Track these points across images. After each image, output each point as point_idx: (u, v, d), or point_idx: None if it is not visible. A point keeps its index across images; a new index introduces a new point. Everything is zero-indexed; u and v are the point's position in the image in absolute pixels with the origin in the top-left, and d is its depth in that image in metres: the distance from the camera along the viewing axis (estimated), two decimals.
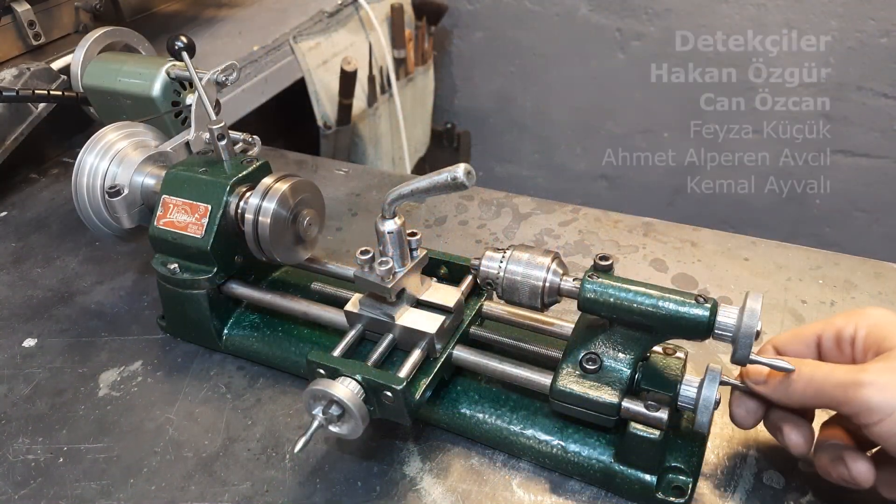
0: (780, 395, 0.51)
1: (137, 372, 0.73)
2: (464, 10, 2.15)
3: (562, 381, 0.56)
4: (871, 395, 0.45)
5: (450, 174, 0.51)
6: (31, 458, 0.64)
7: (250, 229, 0.66)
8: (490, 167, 2.42)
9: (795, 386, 0.50)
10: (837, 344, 0.52)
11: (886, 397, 0.45)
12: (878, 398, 0.45)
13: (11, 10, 1.08)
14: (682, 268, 0.83)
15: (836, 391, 0.47)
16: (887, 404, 0.44)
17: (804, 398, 0.50)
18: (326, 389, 0.53)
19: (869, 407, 0.45)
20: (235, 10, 1.61)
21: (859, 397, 0.45)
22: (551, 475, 0.59)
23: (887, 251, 1.75)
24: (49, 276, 0.89)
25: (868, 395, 0.45)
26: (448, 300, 0.61)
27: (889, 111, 1.78)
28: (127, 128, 0.79)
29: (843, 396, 0.47)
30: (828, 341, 0.53)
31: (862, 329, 0.50)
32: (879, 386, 0.45)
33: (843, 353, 0.52)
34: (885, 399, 0.45)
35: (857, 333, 0.51)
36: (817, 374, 0.49)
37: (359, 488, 0.59)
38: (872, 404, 0.45)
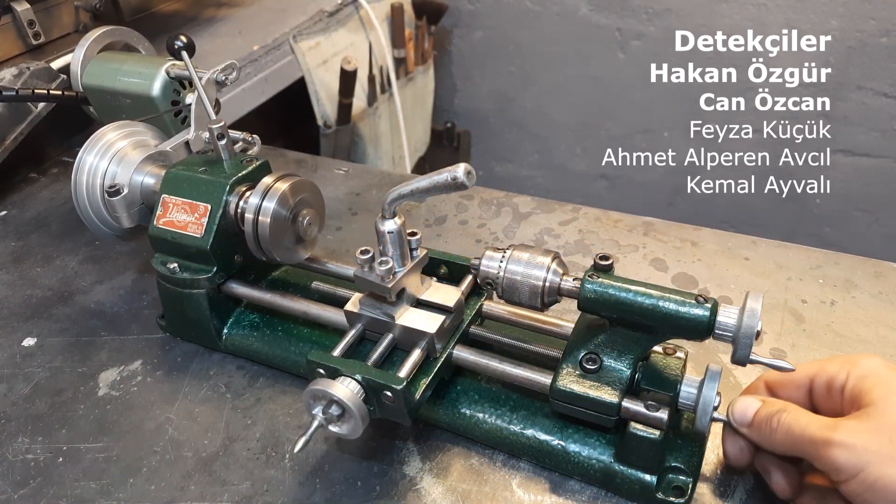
0: (764, 441, 0.51)
1: (137, 371, 0.73)
2: (464, 10, 2.15)
3: (562, 380, 0.56)
4: (837, 455, 0.45)
5: (450, 174, 0.51)
6: (30, 457, 0.64)
7: (250, 229, 0.66)
8: (490, 167, 2.42)
9: (776, 435, 0.50)
10: (828, 390, 0.51)
11: (853, 458, 0.44)
12: (844, 458, 0.45)
13: (11, 9, 1.08)
14: (682, 267, 0.83)
15: (808, 447, 0.47)
16: (853, 466, 0.44)
17: (784, 448, 0.50)
18: (326, 389, 0.53)
19: (836, 467, 0.45)
20: (235, 10, 1.61)
21: (828, 457, 0.45)
22: (551, 475, 0.59)
23: (887, 251, 1.75)
24: (49, 275, 0.89)
25: (836, 455, 0.45)
26: (448, 300, 0.61)
27: (889, 111, 1.78)
28: (126, 127, 0.79)
29: (814, 453, 0.47)
30: (819, 386, 0.52)
31: (852, 379, 0.50)
32: (847, 447, 0.45)
33: (833, 400, 0.51)
34: (850, 460, 0.44)
35: (847, 383, 0.50)
36: (794, 426, 0.49)
37: (359, 488, 0.59)
38: (839, 464, 0.45)
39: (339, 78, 1.68)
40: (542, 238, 0.89)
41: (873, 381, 0.48)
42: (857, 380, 0.49)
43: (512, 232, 0.91)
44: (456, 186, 0.51)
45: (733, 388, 0.66)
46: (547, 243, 0.88)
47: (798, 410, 0.50)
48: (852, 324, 0.72)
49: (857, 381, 0.49)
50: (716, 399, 0.53)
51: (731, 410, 0.53)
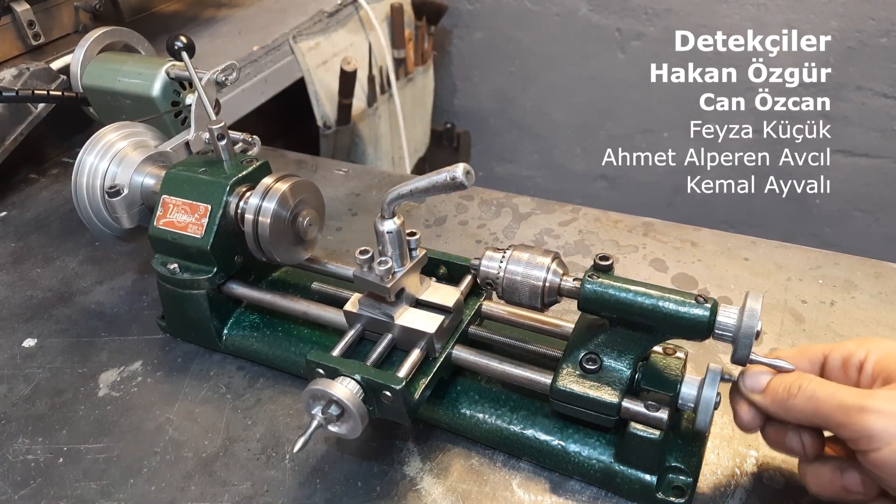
0: (779, 409, 0.50)
1: (137, 372, 0.73)
2: (464, 10, 2.15)
3: (562, 380, 0.56)
4: (873, 422, 0.44)
5: (449, 174, 0.51)
6: (30, 458, 0.64)
7: (250, 229, 0.66)
8: (490, 167, 2.42)
9: (796, 401, 0.48)
10: (844, 367, 0.51)
11: (889, 426, 0.43)
12: (880, 425, 0.44)
13: (11, 9, 1.08)
14: (682, 268, 0.83)
15: (837, 412, 0.46)
16: (888, 433, 0.43)
17: (803, 415, 0.48)
18: (325, 389, 0.53)
19: (870, 434, 0.44)
20: (235, 10, 1.61)
21: (861, 422, 0.44)
22: (551, 475, 0.59)
23: (887, 251, 1.75)
24: (49, 276, 0.89)
25: (871, 421, 0.44)
26: (447, 300, 0.61)
27: (889, 111, 1.78)
28: (127, 128, 0.79)
29: (844, 419, 0.45)
30: (834, 362, 0.51)
31: (873, 355, 0.49)
32: (884, 413, 0.44)
33: (849, 377, 0.50)
34: (886, 427, 0.43)
35: (867, 359, 0.49)
36: (820, 392, 0.47)
37: (359, 488, 0.59)
38: (874, 431, 0.44)
39: (339, 78, 1.68)
40: (542, 238, 0.89)
41: None
42: (882, 356, 0.48)
43: (512, 232, 0.91)
44: (455, 186, 0.51)
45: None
46: (547, 244, 0.88)
47: (820, 379, 0.49)
48: (852, 324, 0.72)
49: (882, 357, 0.48)
50: (716, 399, 0.53)
51: (742, 377, 0.53)
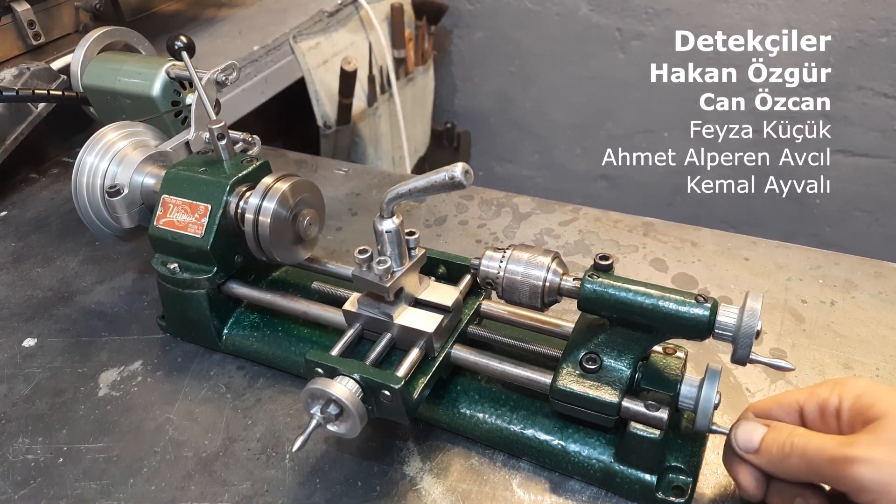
0: (776, 469, 0.48)
1: (137, 372, 0.73)
2: (464, 10, 2.15)
3: (562, 380, 0.56)
4: (862, 473, 0.42)
5: (447, 173, 0.51)
6: (31, 458, 0.64)
7: (250, 229, 0.66)
8: (490, 167, 2.42)
9: (791, 461, 0.47)
10: (821, 415, 0.49)
11: (879, 475, 0.42)
12: (869, 476, 0.42)
13: (11, 9, 1.08)
14: (682, 267, 0.83)
15: (827, 467, 0.44)
16: (878, 482, 0.41)
17: (800, 473, 0.47)
18: (324, 388, 0.53)
19: (861, 485, 0.42)
20: (235, 10, 1.61)
21: (851, 475, 0.42)
22: (551, 475, 0.59)
23: (887, 251, 1.75)
24: (49, 275, 0.89)
25: (860, 472, 0.42)
26: (446, 299, 0.61)
27: (889, 111, 1.78)
28: (127, 127, 0.79)
29: (834, 473, 0.44)
30: (811, 412, 0.50)
31: (847, 400, 0.47)
32: (870, 462, 0.42)
33: (828, 425, 0.49)
34: (875, 476, 0.42)
35: (841, 405, 0.48)
36: (809, 448, 0.46)
37: (359, 488, 0.59)
38: (864, 483, 0.42)
39: (339, 78, 1.68)
40: (542, 238, 0.89)
41: (871, 397, 0.46)
42: (854, 400, 0.47)
43: (512, 232, 0.91)
44: (454, 186, 0.51)
45: (733, 388, 0.66)
46: (547, 243, 0.88)
47: (808, 432, 0.48)
48: (852, 324, 0.72)
49: (854, 400, 0.47)
50: (716, 398, 0.53)
51: (734, 436, 0.51)
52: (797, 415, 0.51)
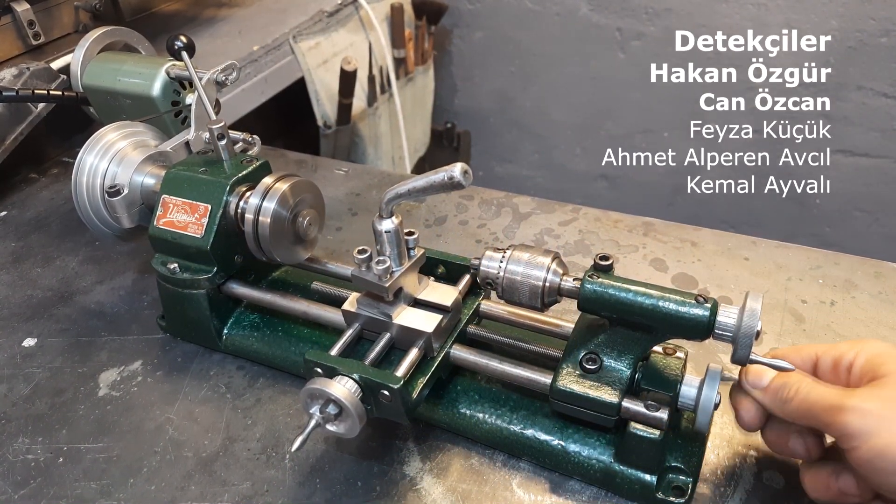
0: (777, 408, 0.51)
1: (137, 372, 0.73)
2: (464, 10, 2.15)
3: (562, 380, 0.56)
4: (850, 420, 0.44)
5: (446, 173, 0.51)
6: (31, 458, 0.64)
7: (250, 229, 0.66)
8: (490, 167, 2.41)
9: (792, 403, 0.49)
10: (834, 367, 0.51)
11: (865, 423, 0.44)
12: (856, 423, 0.44)
13: (11, 9, 1.08)
14: (682, 268, 0.83)
15: (823, 413, 0.47)
16: (865, 431, 0.44)
17: (798, 415, 0.49)
18: (323, 388, 0.53)
19: (847, 432, 0.44)
20: (235, 10, 1.61)
21: (841, 421, 0.45)
22: (551, 475, 0.59)
23: (887, 251, 1.75)
24: (49, 275, 0.89)
25: (848, 419, 0.44)
26: (445, 299, 0.61)
27: (889, 111, 1.78)
28: (127, 127, 0.79)
29: (828, 419, 0.46)
30: (825, 363, 0.52)
31: (862, 356, 0.49)
32: (861, 412, 0.44)
33: (838, 378, 0.51)
34: (862, 425, 0.44)
35: (855, 360, 0.50)
36: (812, 394, 0.48)
37: (359, 488, 0.59)
38: (851, 429, 0.44)
39: (339, 78, 1.68)
40: (542, 238, 0.89)
41: (885, 357, 0.48)
42: (869, 357, 0.49)
43: (512, 232, 0.91)
44: (452, 186, 0.51)
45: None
46: (547, 243, 0.88)
47: (816, 381, 0.50)
48: (852, 324, 0.72)
49: (869, 357, 0.49)
50: (716, 399, 0.53)
51: (745, 372, 0.53)
52: (811, 364, 0.53)
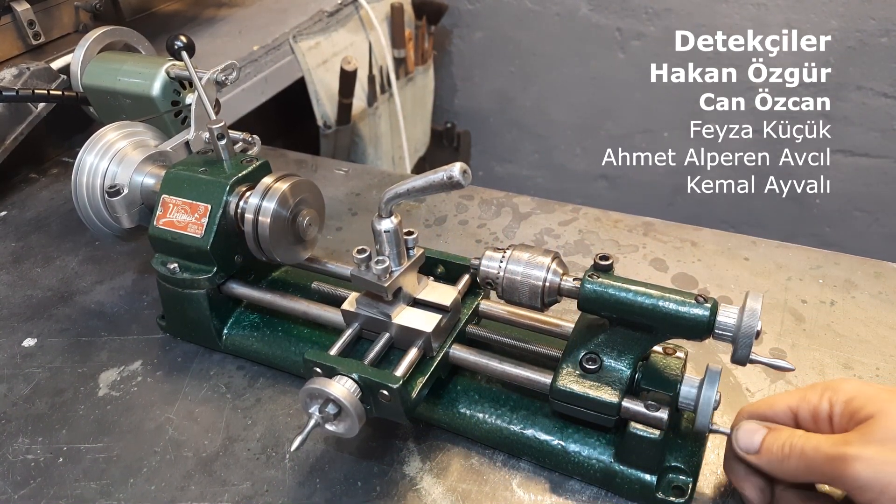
0: (776, 470, 0.49)
1: (137, 372, 0.73)
2: (464, 10, 2.15)
3: (562, 380, 0.56)
4: (859, 471, 0.42)
5: (445, 173, 0.51)
6: (30, 458, 0.64)
7: (250, 229, 0.66)
8: (490, 167, 2.42)
9: (790, 461, 0.47)
10: (815, 420, 0.49)
11: (874, 472, 0.42)
12: (866, 474, 0.42)
13: (11, 9, 1.08)
14: (682, 267, 0.83)
15: (825, 466, 0.45)
16: (877, 480, 0.42)
17: (799, 473, 0.47)
18: (323, 388, 0.53)
19: (860, 484, 0.43)
20: (235, 10, 1.61)
21: (849, 474, 0.43)
22: (551, 475, 0.59)
23: (887, 251, 1.75)
24: (49, 275, 0.89)
25: (857, 470, 0.43)
26: (444, 299, 0.61)
27: (889, 111, 1.78)
28: (127, 127, 0.79)
29: (832, 472, 0.44)
30: (805, 417, 0.50)
31: (837, 405, 0.48)
32: (865, 460, 0.42)
33: (822, 430, 0.49)
34: (873, 475, 0.42)
35: (833, 410, 0.48)
36: (807, 448, 0.46)
37: (359, 488, 0.59)
38: (863, 481, 0.42)
39: (339, 78, 1.68)
40: (542, 238, 0.89)
41: (861, 400, 0.47)
42: (844, 404, 0.48)
43: (512, 232, 0.91)
44: (451, 185, 0.51)
45: (733, 389, 0.66)
46: (547, 243, 0.88)
47: (806, 433, 0.48)
48: (852, 324, 0.72)
49: (844, 405, 0.48)
50: (716, 398, 0.53)
51: (735, 437, 0.51)
52: (792, 419, 0.51)
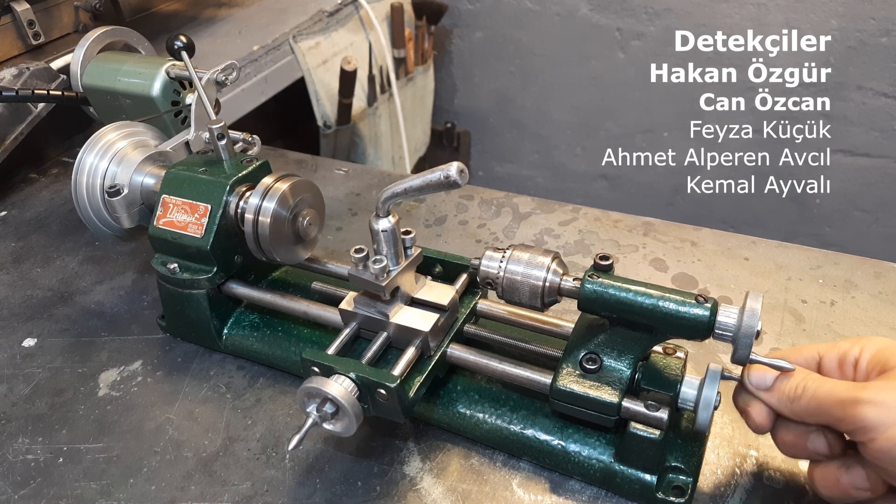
0: (786, 408, 0.50)
1: (137, 372, 0.73)
2: (464, 10, 2.15)
3: (562, 380, 0.56)
4: (866, 413, 0.44)
5: (442, 172, 0.51)
6: (31, 458, 0.64)
7: (250, 229, 0.66)
8: (490, 167, 2.42)
9: (801, 401, 0.49)
10: (840, 365, 0.51)
11: (882, 415, 0.43)
12: (873, 415, 0.44)
13: (11, 9, 1.08)
14: (682, 267, 0.83)
15: (835, 408, 0.46)
16: (881, 422, 0.43)
17: (808, 413, 0.49)
18: (320, 387, 0.53)
19: (864, 424, 0.44)
20: (235, 10, 1.61)
21: (856, 414, 0.44)
22: (551, 475, 0.59)
23: (887, 251, 1.75)
24: (49, 275, 0.89)
25: (864, 412, 0.44)
26: (442, 298, 0.61)
27: (889, 111, 1.78)
28: (127, 127, 0.79)
29: (840, 413, 0.46)
30: (830, 361, 0.51)
31: (867, 352, 0.49)
32: (877, 403, 0.44)
33: (845, 375, 0.50)
34: (879, 417, 0.44)
35: (861, 355, 0.49)
36: (821, 390, 0.48)
37: (359, 488, 0.59)
38: (867, 422, 0.44)
39: (339, 78, 1.68)
40: (542, 238, 0.89)
41: (891, 350, 0.48)
42: (875, 352, 0.49)
43: (512, 232, 0.91)
44: (448, 185, 0.51)
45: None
46: (547, 243, 0.88)
47: (821, 377, 0.49)
48: (852, 324, 0.72)
49: (875, 353, 0.49)
50: (716, 399, 0.53)
51: (747, 373, 0.52)
52: (815, 363, 0.52)
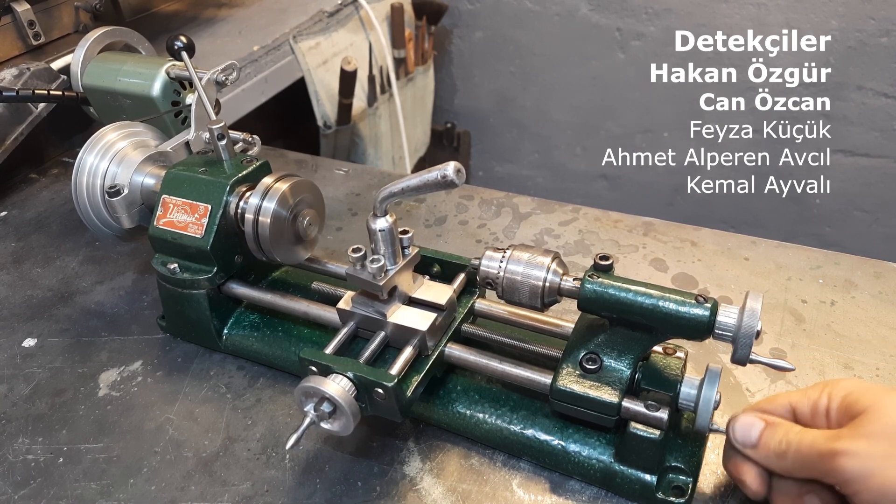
0: (775, 465, 0.49)
1: (137, 372, 0.73)
2: (464, 10, 2.15)
3: (562, 380, 0.56)
4: (845, 465, 0.43)
5: (440, 172, 0.51)
6: (31, 458, 0.64)
7: (250, 229, 0.66)
8: (490, 167, 2.42)
9: (787, 458, 0.48)
10: (813, 415, 0.50)
11: (858, 465, 0.43)
12: (850, 466, 0.43)
13: (11, 9, 1.08)
14: (682, 267, 0.83)
15: (818, 462, 0.46)
16: (859, 473, 0.43)
17: (796, 469, 0.48)
18: (317, 386, 0.53)
19: (846, 478, 0.43)
20: (235, 10, 1.61)
21: (836, 468, 0.44)
22: (551, 475, 0.59)
23: (887, 251, 1.75)
24: (49, 276, 0.89)
25: (843, 464, 0.43)
26: (440, 298, 0.62)
27: (889, 111, 1.78)
28: (127, 127, 0.79)
29: (823, 467, 0.45)
30: (803, 412, 0.51)
31: (835, 399, 0.49)
32: (851, 454, 0.43)
33: (819, 424, 0.50)
34: (856, 467, 0.43)
35: (830, 404, 0.49)
36: (803, 444, 0.47)
37: (359, 488, 0.59)
38: (848, 474, 0.43)
39: (339, 78, 1.68)
40: (542, 238, 0.89)
41: (858, 394, 0.47)
42: (842, 398, 0.48)
43: (512, 232, 0.91)
44: (446, 184, 0.51)
45: (733, 389, 0.66)
46: (547, 243, 0.88)
47: (803, 428, 0.49)
48: (852, 324, 0.72)
49: (842, 399, 0.48)
50: (716, 398, 0.53)
51: (732, 430, 0.52)
52: (791, 415, 0.51)
